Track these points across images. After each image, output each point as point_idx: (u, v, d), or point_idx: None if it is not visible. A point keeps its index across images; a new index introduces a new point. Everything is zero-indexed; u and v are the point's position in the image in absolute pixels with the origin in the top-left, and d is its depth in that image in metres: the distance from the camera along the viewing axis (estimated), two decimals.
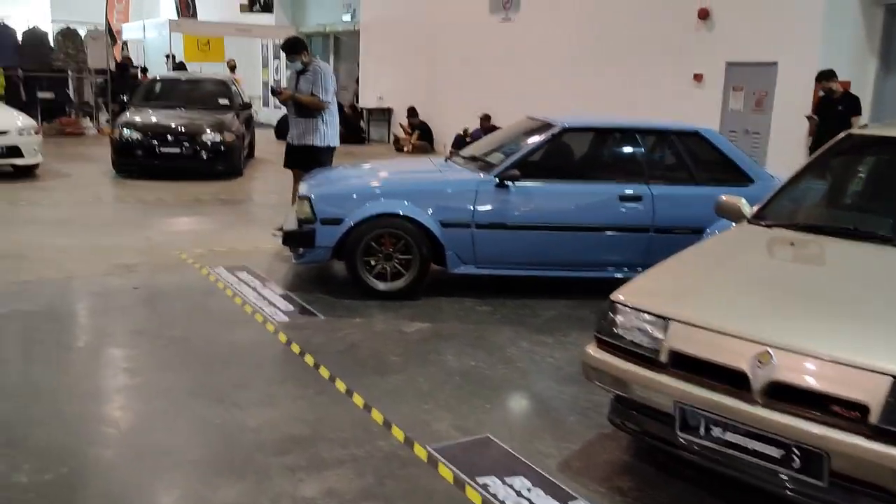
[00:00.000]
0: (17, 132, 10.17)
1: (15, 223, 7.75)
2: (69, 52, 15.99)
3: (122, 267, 6.27)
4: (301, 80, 7.23)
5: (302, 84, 7.21)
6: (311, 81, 7.16)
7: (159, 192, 9.86)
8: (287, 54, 7.28)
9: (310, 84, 7.16)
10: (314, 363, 4.44)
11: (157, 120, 11.20)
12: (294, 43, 7.36)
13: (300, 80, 7.24)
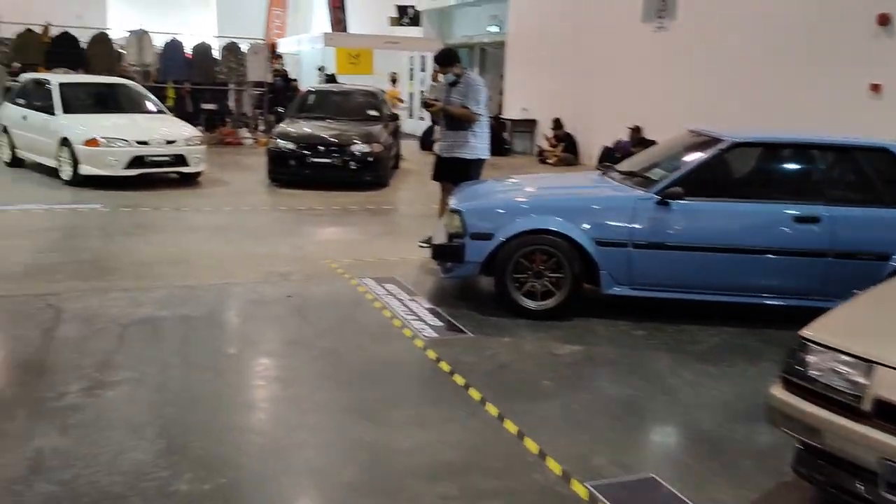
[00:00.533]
0: (183, 142, 10.75)
1: (180, 229, 8.14)
2: (231, 66, 16.86)
3: (276, 275, 6.41)
4: (452, 92, 7.18)
5: (453, 96, 7.15)
6: (463, 94, 7.09)
7: (310, 200, 10.13)
8: (440, 66, 7.25)
9: (461, 96, 7.09)
10: (464, 384, 4.30)
11: (309, 131, 11.54)
12: (447, 54, 7.33)
13: (451, 92, 7.19)
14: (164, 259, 6.77)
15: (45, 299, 5.44)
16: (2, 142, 12.04)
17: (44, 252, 6.82)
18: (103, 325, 5.01)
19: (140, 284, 5.94)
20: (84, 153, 10.07)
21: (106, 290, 5.73)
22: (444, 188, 7.42)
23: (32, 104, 11.33)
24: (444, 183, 7.40)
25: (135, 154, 10.25)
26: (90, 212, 8.78)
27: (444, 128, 7.29)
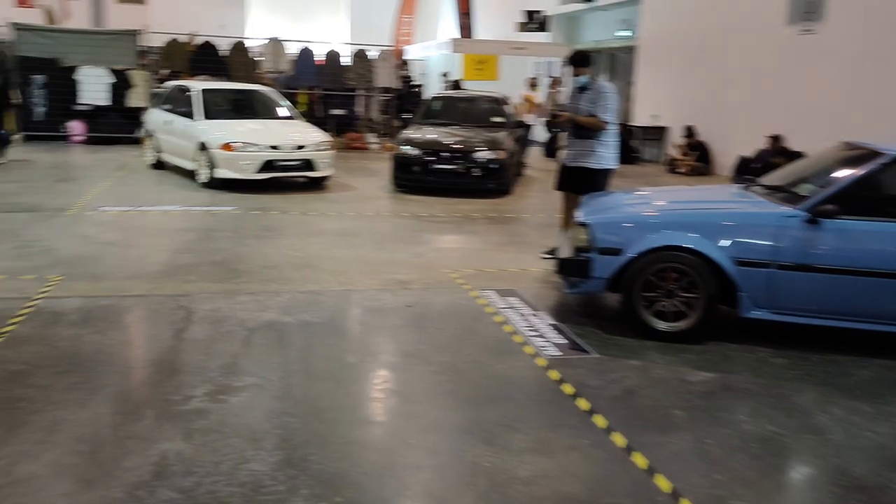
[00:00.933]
0: (313, 147, 11.00)
1: (306, 233, 8.29)
2: (360, 72, 17.22)
3: (397, 283, 6.38)
4: (581, 99, 6.94)
5: (582, 102, 6.92)
6: (593, 100, 6.84)
7: (432, 207, 10.11)
8: (575, 66, 6.99)
9: (591, 103, 6.85)
10: (588, 409, 4.07)
11: (433, 137, 11.55)
12: (584, 55, 7.11)
13: (580, 98, 6.95)
14: (290, 263, 6.88)
15: (177, 300, 5.62)
16: (147, 145, 12.74)
17: (179, 252, 7.09)
18: (230, 328, 5.11)
19: (266, 288, 6.04)
20: (220, 157, 10.47)
21: (234, 293, 5.86)
22: (568, 199, 7.19)
23: (175, 110, 11.91)
24: (567, 193, 7.18)
25: (266, 158, 10.57)
26: (223, 214, 9.10)
27: (571, 136, 7.06)
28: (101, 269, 6.43)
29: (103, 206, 9.12)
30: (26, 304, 5.37)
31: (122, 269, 6.44)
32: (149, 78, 15.96)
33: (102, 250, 7.06)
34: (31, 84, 15.33)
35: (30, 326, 4.94)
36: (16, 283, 5.91)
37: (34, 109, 15.48)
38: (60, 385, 4.10)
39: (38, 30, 16.27)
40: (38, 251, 6.91)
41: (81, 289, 5.81)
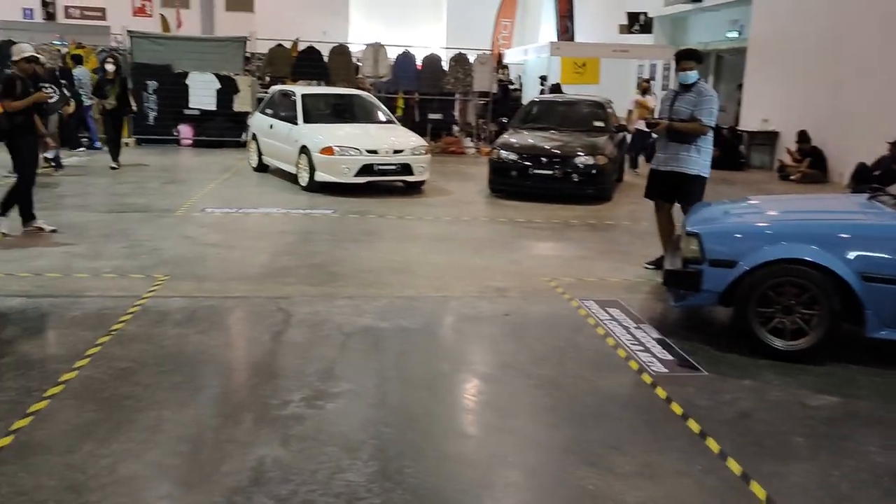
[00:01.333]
0: (410, 151, 11.01)
1: (403, 237, 8.27)
2: (458, 76, 17.18)
3: (494, 290, 6.24)
4: (679, 101, 6.62)
5: (680, 105, 6.59)
6: (694, 103, 6.51)
7: (530, 213, 9.93)
8: (681, 60, 6.65)
9: (691, 106, 6.52)
10: (699, 431, 3.82)
11: (532, 142, 11.36)
12: (694, 50, 6.83)
13: (678, 100, 6.63)
14: (387, 267, 6.86)
15: (277, 302, 5.67)
16: (251, 148, 13.08)
17: (280, 255, 7.18)
18: (328, 332, 5.09)
19: (364, 292, 6.02)
20: (320, 161, 10.61)
21: (332, 297, 5.86)
22: (659, 208, 6.90)
23: (278, 114, 12.17)
24: (659, 202, 6.87)
25: (365, 162, 10.64)
26: (322, 217, 9.20)
27: (665, 139, 6.73)
28: (204, 269, 6.57)
29: (208, 208, 9.38)
30: (135, 302, 5.51)
31: (224, 271, 6.56)
32: (253, 83, 16.42)
33: (206, 251, 7.23)
34: (145, 90, 16.01)
35: (137, 325, 5.06)
36: (125, 281, 6.10)
37: (147, 114, 16.17)
38: (164, 384, 4.16)
39: (153, 37, 17.00)
40: (146, 251, 7.13)
41: (186, 289, 5.94)
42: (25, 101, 7.44)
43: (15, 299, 5.48)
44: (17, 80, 7.48)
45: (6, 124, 7.47)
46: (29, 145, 7.66)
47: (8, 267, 6.34)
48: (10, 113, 7.41)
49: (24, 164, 7.63)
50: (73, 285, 5.92)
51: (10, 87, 7.44)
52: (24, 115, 7.49)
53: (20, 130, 7.49)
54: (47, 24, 28.11)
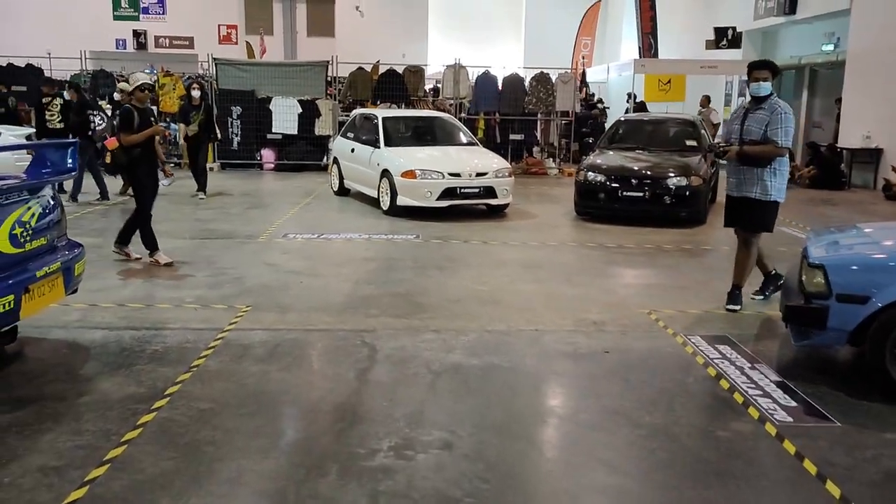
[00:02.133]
0: (493, 174, 10.70)
1: (489, 264, 7.93)
2: (540, 96, 16.83)
3: (590, 324, 5.83)
4: (750, 119, 6.00)
5: (752, 123, 5.98)
6: (767, 122, 5.88)
7: (620, 237, 9.46)
8: (755, 70, 5.97)
9: (762, 125, 5.90)
10: (840, 496, 3.33)
11: (621, 163, 10.89)
12: (770, 61, 6.17)
13: (748, 118, 6.02)
14: (475, 297, 6.53)
15: (361, 336, 5.40)
16: (332, 172, 13.02)
17: (363, 283, 6.95)
18: (415, 369, 4.79)
19: (451, 325, 5.70)
20: (401, 184, 10.41)
21: (418, 330, 5.56)
22: (739, 236, 6.35)
23: (359, 137, 12.06)
24: (736, 230, 6.35)
25: (447, 186, 10.38)
26: (405, 242, 8.95)
27: (735, 162, 6.10)
28: (286, 299, 6.38)
29: (290, 234, 9.26)
30: (216, 335, 5.34)
31: (307, 300, 6.35)
32: (334, 107, 16.46)
33: (288, 279, 7.06)
34: (230, 115, 16.25)
35: (218, 360, 4.87)
36: (207, 312, 5.95)
37: (231, 139, 16.40)
38: (246, 428, 3.91)
39: (237, 64, 17.28)
40: (228, 279, 7.01)
41: (268, 320, 5.74)
42: (143, 135, 7.27)
43: (97, 332, 5.39)
44: (134, 112, 7.30)
45: (123, 158, 7.36)
46: (148, 175, 7.51)
47: (93, 297, 6.30)
48: (126, 147, 7.29)
49: (142, 194, 7.50)
50: (156, 316, 5.81)
51: (127, 120, 7.25)
52: (142, 147, 7.36)
53: (140, 161, 7.36)
54: (139, 53, 29.17)
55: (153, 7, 30.30)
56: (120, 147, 7.36)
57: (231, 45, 28.08)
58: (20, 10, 27.98)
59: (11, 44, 21.35)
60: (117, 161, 7.43)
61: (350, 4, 30.47)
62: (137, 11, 30.01)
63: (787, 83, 19.57)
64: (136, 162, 7.36)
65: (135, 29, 29.89)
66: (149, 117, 7.51)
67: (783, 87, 19.35)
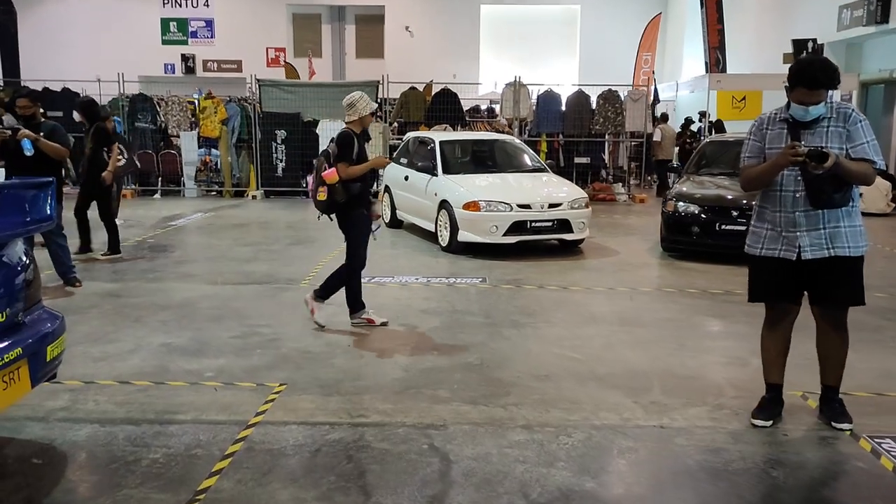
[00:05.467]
0: (568, 205, 9.31)
1: (575, 319, 6.52)
2: (608, 115, 15.42)
3: (728, 414, 4.38)
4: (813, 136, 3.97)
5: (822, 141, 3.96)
6: (844, 135, 3.97)
7: (723, 280, 7.98)
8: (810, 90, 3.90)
9: (840, 141, 3.97)
10: None
11: (717, 192, 9.39)
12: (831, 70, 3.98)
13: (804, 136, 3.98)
14: (567, 369, 5.12)
15: (428, 435, 4.04)
16: (383, 202, 11.77)
17: (423, 349, 5.60)
18: (507, 497, 3.40)
19: (545, 417, 4.30)
20: (463, 217, 9.08)
21: (503, 425, 4.18)
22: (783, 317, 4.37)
23: (414, 164, 10.80)
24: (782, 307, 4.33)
25: (515, 219, 9.02)
26: (470, 288, 7.60)
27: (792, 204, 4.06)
28: (330, 372, 5.06)
29: None
30: (238, 433, 4.03)
31: (356, 375, 5.02)
32: (385, 130, 15.28)
33: (333, 342, 5.75)
34: (274, 139, 15.20)
35: (235, 479, 3.54)
36: (230, 394, 4.66)
37: (276, 165, 15.34)
38: None
39: (282, 85, 16.26)
40: (260, 342, 5.73)
41: (307, 407, 4.42)
42: (364, 167, 5.95)
43: (84, 428, 4.12)
44: (354, 138, 5.96)
45: (342, 195, 5.88)
46: (363, 219, 6.13)
47: (93, 368, 5.08)
48: (346, 181, 5.88)
49: (357, 243, 6.14)
50: (164, 401, 4.53)
51: (346, 146, 5.87)
52: (362, 183, 6.04)
53: (359, 200, 6.03)
54: (187, 77, 28.64)
55: (202, 31, 29.96)
56: (339, 181, 5.87)
57: (279, 68, 27.29)
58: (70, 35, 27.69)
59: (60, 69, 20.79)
60: (336, 198, 5.89)
61: (399, 25, 29.53)
62: (186, 36, 29.74)
63: (875, 99, 17.87)
64: (354, 201, 5.98)
65: (183, 53, 29.49)
66: (364, 146, 6.12)
67: (870, 104, 17.66)
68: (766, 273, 4.24)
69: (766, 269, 4.23)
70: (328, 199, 5.93)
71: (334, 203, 5.94)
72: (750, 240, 4.30)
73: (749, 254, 4.30)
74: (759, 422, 4.23)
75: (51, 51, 26.61)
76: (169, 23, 29.55)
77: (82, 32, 27.89)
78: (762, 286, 4.30)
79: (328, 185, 5.86)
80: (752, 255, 4.28)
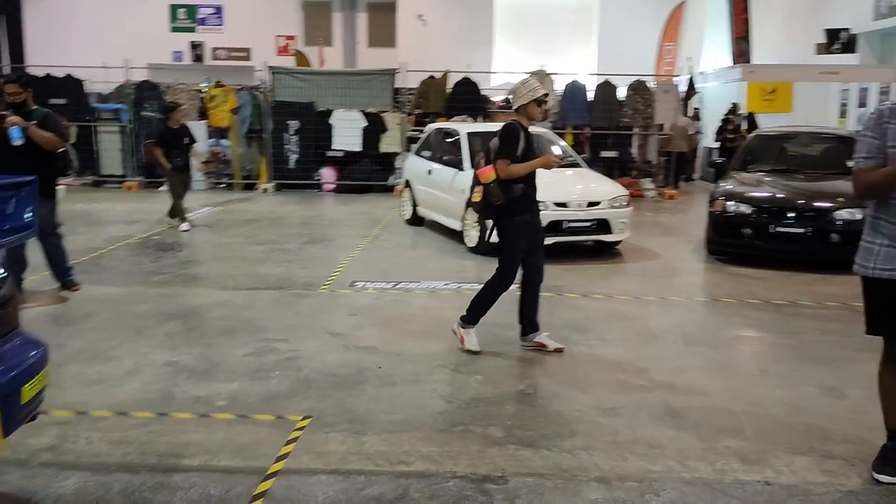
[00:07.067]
0: (608, 203, 8.57)
1: (629, 335, 5.80)
2: (637, 108, 14.63)
3: (841, 461, 3.67)
4: None
5: None
6: None
7: (783, 289, 7.25)
8: None
9: None
10: None
11: (772, 191, 8.62)
12: None
13: None
14: (637, 402, 4.40)
15: (485, 489, 3.33)
16: (404, 197, 11.05)
17: (466, 372, 4.89)
18: None
19: (623, 467, 3.58)
20: None
21: (573, 477, 3.47)
22: None
23: (438, 157, 10.06)
24: None
25: (552, 219, 8.25)
26: (505, 296, 6.80)
27: None
28: (361, 402, 4.35)
29: (359, 282, 7.28)
30: (255, 488, 3.33)
31: (391, 407, 4.31)
32: (403, 120, 14.54)
33: (362, 363, 5.03)
34: (286, 130, 14.48)
35: None
36: (245, 430, 3.96)
37: (288, 157, 14.63)
38: None
39: (295, 73, 15.53)
40: (279, 361, 5.03)
41: (337, 450, 3.72)
42: (529, 166, 5.07)
43: (73, 476, 3.42)
44: (520, 131, 5.08)
45: (500, 197, 5.04)
46: (528, 227, 5.23)
47: (86, 394, 4.39)
48: (505, 181, 5.05)
49: (511, 252, 5.22)
50: (168, 438, 3.83)
51: (509, 141, 5.03)
52: (526, 184, 5.16)
53: (519, 205, 5.12)
54: (195, 65, 27.94)
55: (211, 18, 29.28)
56: (497, 180, 5.07)
57: (289, 57, 26.55)
58: (77, 22, 26.99)
59: (66, 56, 20.07)
60: (491, 199, 5.08)
61: (412, 13, 28.72)
62: (195, 23, 29.03)
63: None
64: (515, 205, 5.11)
65: (192, 41, 28.79)
66: (533, 144, 5.21)
67: None
68: (885, 298, 3.48)
69: (882, 294, 3.48)
70: (482, 201, 5.15)
71: (490, 206, 5.14)
72: (860, 257, 3.54)
73: (860, 275, 3.55)
74: (884, 477, 3.50)
75: (57, 37, 25.91)
76: (177, 9, 28.84)
77: (89, 19, 27.20)
78: (884, 315, 3.53)
79: (482, 184, 5.08)
80: (864, 275, 3.53)
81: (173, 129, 10.07)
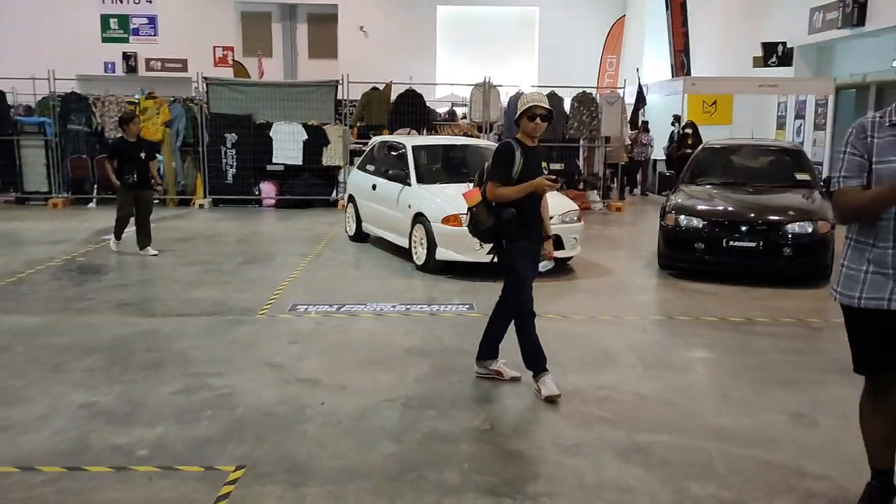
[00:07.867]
0: (559, 218, 8.30)
1: (590, 360, 5.50)
2: (583, 120, 14.51)
3: (817, 503, 3.40)
4: None
5: None
6: None
7: (737, 305, 7.10)
8: None
9: None
10: None
11: (724, 204, 8.49)
12: None
13: None
14: (599, 436, 4.09)
15: None
16: (347, 212, 10.64)
17: (416, 407, 4.51)
18: None
19: None
20: (442, 233, 8.02)
21: None
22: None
23: (382, 171, 9.69)
24: None
25: None
26: (456, 318, 6.55)
27: None
28: (302, 447, 3.93)
29: (300, 305, 6.85)
30: None
31: (333, 449, 3.91)
32: (345, 133, 14.13)
33: (302, 399, 4.62)
34: (223, 144, 13.92)
35: None
36: (170, 484, 3.51)
37: (226, 171, 14.05)
38: None
39: (231, 84, 14.98)
40: (209, 399, 4.57)
41: None
42: (519, 190, 4.53)
43: None
44: (514, 150, 4.57)
45: (489, 221, 4.63)
46: (527, 252, 4.75)
47: None
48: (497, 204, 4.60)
49: (517, 280, 4.72)
50: (78, 498, 3.35)
51: (501, 161, 4.57)
52: (526, 208, 4.63)
53: (516, 229, 4.63)
54: (128, 76, 27.01)
55: (144, 28, 28.36)
56: (483, 202, 4.64)
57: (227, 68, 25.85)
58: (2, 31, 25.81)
59: None
60: (478, 224, 4.69)
61: (353, 24, 28.33)
62: (127, 33, 28.10)
63: (847, 104, 17.40)
64: (510, 230, 4.64)
65: (125, 51, 27.82)
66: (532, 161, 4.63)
67: (841, 109, 17.21)
68: (870, 331, 3.15)
69: (869, 326, 3.13)
70: (471, 226, 4.76)
71: (480, 231, 4.72)
72: (842, 286, 3.15)
73: (843, 305, 3.18)
74: None
75: None
76: (109, 19, 27.83)
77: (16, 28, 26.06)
78: (870, 350, 3.18)
79: (469, 208, 4.68)
80: (847, 306, 3.16)
81: (129, 143, 9.15)
